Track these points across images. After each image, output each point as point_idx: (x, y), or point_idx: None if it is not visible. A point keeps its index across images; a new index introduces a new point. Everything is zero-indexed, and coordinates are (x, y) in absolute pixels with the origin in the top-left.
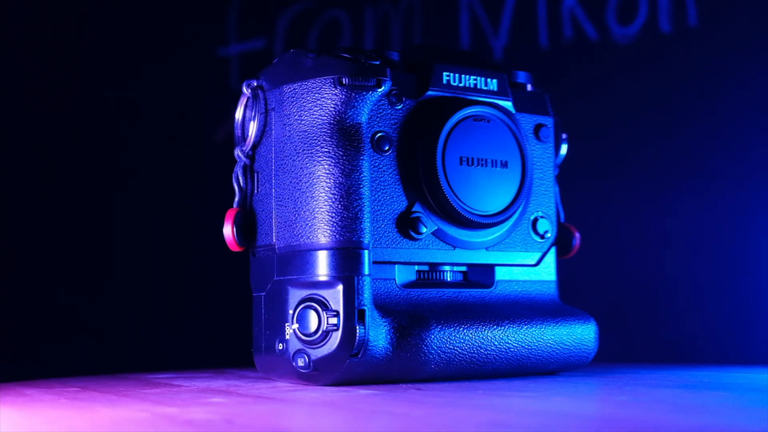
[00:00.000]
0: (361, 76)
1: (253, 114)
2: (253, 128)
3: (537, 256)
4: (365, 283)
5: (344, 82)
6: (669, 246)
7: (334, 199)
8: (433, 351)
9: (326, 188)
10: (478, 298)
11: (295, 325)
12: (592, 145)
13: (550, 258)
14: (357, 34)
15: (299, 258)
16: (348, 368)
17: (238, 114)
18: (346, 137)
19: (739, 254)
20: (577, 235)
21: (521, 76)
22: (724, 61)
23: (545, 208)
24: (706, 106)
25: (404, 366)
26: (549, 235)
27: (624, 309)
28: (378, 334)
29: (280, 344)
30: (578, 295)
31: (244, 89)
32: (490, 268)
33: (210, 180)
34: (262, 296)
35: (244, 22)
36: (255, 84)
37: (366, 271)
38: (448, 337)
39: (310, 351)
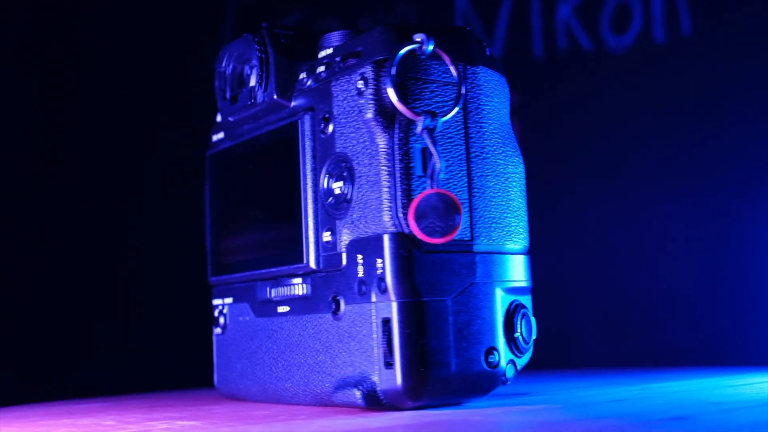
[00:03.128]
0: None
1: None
2: (442, 100)
3: None
4: None
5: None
6: (664, 252)
7: (525, 202)
8: None
9: (523, 191)
10: None
11: (518, 333)
12: (588, 153)
13: None
14: None
15: (507, 261)
16: None
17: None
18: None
19: (735, 260)
20: None
21: None
22: (718, 70)
23: None
24: (700, 115)
25: None
26: None
27: (620, 315)
28: None
29: (490, 356)
30: (575, 300)
31: (430, 47)
32: None
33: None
34: (446, 301)
35: (239, 32)
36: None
37: None
38: None
39: (518, 360)
